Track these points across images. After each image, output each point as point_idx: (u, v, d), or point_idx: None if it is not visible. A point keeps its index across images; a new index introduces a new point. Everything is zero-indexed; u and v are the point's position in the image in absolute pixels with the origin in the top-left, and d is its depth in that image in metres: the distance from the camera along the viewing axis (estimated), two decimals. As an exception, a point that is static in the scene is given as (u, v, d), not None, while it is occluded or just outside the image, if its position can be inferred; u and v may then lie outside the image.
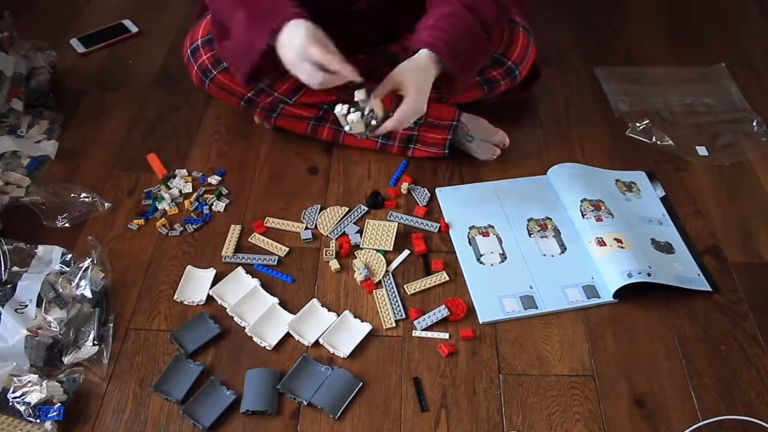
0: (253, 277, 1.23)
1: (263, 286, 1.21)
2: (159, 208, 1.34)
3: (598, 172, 1.42)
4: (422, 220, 1.32)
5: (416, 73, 1.18)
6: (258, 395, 1.05)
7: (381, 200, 1.36)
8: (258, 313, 1.17)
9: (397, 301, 1.19)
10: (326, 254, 1.25)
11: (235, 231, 1.31)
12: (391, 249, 1.26)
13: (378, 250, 1.26)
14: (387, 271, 1.24)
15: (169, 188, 1.38)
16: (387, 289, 1.21)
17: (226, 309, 1.18)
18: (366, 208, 1.34)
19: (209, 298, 1.20)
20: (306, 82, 1.16)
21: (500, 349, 1.14)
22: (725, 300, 1.21)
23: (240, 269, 1.23)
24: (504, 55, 1.39)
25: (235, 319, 1.17)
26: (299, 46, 1.12)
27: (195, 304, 1.19)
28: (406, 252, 1.27)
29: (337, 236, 1.29)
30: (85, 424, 1.04)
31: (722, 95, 1.64)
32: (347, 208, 1.35)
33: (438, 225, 1.31)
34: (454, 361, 1.12)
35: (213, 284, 1.21)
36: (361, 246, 1.27)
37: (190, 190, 1.38)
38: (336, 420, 1.05)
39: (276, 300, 1.19)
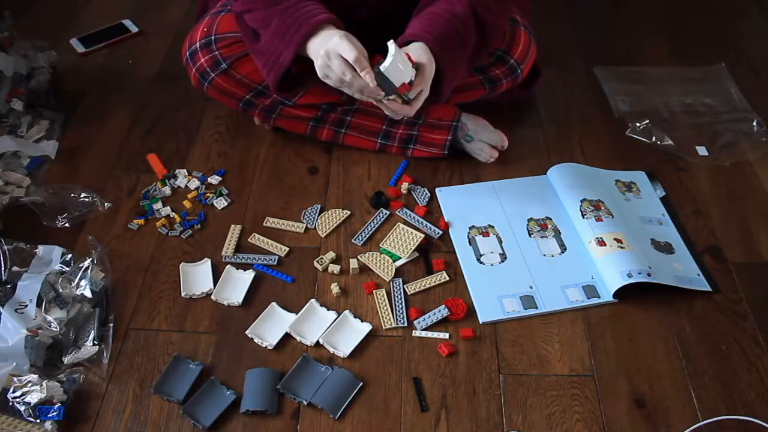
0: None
1: (263, 285, 1.22)
2: (155, 208, 1.34)
3: (598, 172, 1.42)
4: (426, 222, 1.32)
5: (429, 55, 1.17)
6: (258, 395, 1.05)
7: (385, 200, 1.36)
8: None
9: (401, 308, 1.18)
10: (319, 262, 1.24)
11: (235, 231, 1.31)
12: (406, 257, 1.26)
13: (392, 255, 1.26)
14: (395, 275, 1.24)
15: (164, 185, 1.38)
16: (394, 294, 1.21)
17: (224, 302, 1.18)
18: (387, 213, 1.34)
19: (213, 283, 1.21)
20: (335, 81, 1.15)
21: (500, 349, 1.14)
22: (725, 300, 1.21)
23: (229, 267, 1.24)
24: (507, 53, 1.39)
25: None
26: (332, 44, 1.11)
27: (204, 294, 1.20)
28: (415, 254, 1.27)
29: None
30: (85, 424, 1.04)
31: (722, 95, 1.64)
32: (348, 212, 1.34)
33: (440, 232, 1.31)
34: (454, 361, 1.12)
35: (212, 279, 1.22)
36: (380, 246, 1.27)
37: (192, 188, 1.38)
38: (336, 420, 1.05)
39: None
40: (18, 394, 1.02)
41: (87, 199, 1.34)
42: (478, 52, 1.26)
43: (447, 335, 1.15)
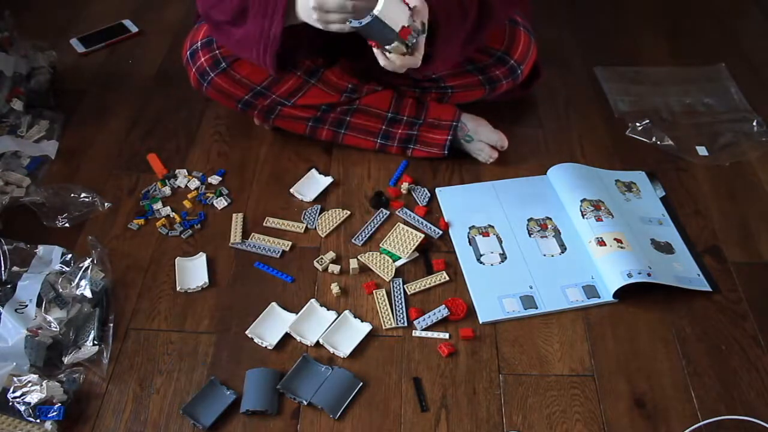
0: (252, 274, 1.23)
1: (263, 285, 1.22)
2: (155, 208, 1.34)
3: (598, 172, 1.42)
4: (426, 222, 1.32)
5: None
6: (258, 395, 1.05)
7: (385, 200, 1.36)
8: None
9: (401, 308, 1.18)
10: (319, 262, 1.24)
11: (238, 218, 1.31)
12: (406, 257, 1.25)
13: (392, 255, 1.26)
14: (395, 275, 1.24)
15: (164, 185, 1.39)
16: (394, 294, 1.21)
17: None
18: (387, 213, 1.34)
19: (212, 282, 1.22)
20: (337, 18, 1.07)
21: (500, 349, 1.14)
22: (725, 300, 1.21)
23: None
24: (507, 54, 1.39)
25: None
26: None
27: (199, 288, 1.21)
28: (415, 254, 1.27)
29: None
30: (85, 424, 1.04)
31: (722, 95, 1.64)
32: (348, 212, 1.34)
33: (440, 232, 1.31)
34: (454, 361, 1.12)
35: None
36: (380, 246, 1.27)
37: (192, 188, 1.38)
38: (336, 420, 1.05)
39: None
40: (18, 394, 1.02)
41: (87, 199, 1.34)
42: (475, 32, 1.24)
43: (447, 335, 1.15)
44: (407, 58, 1.09)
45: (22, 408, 1.01)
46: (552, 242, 1.29)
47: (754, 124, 1.55)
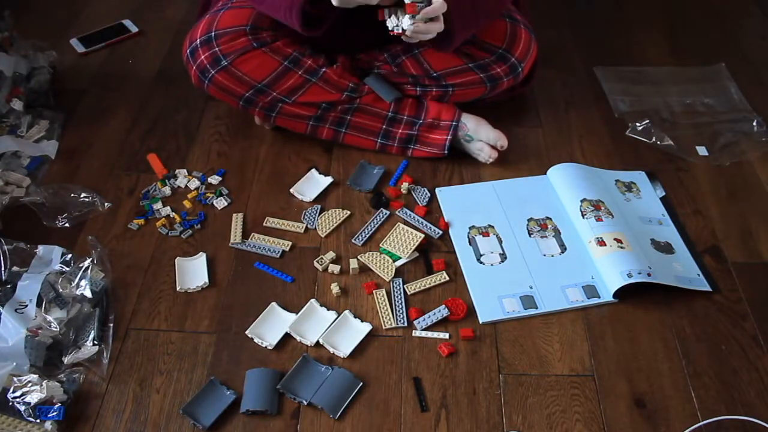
0: (252, 274, 1.23)
1: (263, 285, 1.22)
2: (155, 208, 1.34)
3: (598, 172, 1.42)
4: (426, 222, 1.32)
5: None
6: (258, 395, 1.05)
7: (385, 200, 1.36)
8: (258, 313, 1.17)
9: (401, 308, 1.18)
10: (319, 262, 1.24)
11: (238, 218, 1.32)
12: (406, 257, 1.25)
13: (392, 255, 1.26)
14: (395, 275, 1.24)
15: (164, 185, 1.39)
16: (394, 294, 1.20)
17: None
18: (387, 213, 1.34)
19: (212, 282, 1.22)
20: None
21: (500, 349, 1.14)
22: (725, 300, 1.21)
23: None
24: (508, 52, 1.39)
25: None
26: None
27: (199, 288, 1.21)
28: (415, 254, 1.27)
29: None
30: (85, 424, 1.04)
31: (722, 95, 1.64)
32: (348, 212, 1.34)
33: (440, 232, 1.31)
34: (454, 361, 1.12)
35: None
36: (380, 246, 1.27)
37: (192, 188, 1.38)
38: (336, 420, 1.05)
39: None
40: (18, 394, 1.02)
41: (87, 199, 1.34)
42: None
43: (447, 335, 1.15)
44: (429, 25, 1.17)
45: (22, 408, 1.01)
46: (552, 242, 1.29)
47: (754, 124, 1.55)
